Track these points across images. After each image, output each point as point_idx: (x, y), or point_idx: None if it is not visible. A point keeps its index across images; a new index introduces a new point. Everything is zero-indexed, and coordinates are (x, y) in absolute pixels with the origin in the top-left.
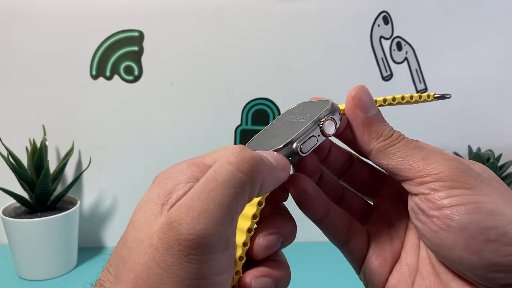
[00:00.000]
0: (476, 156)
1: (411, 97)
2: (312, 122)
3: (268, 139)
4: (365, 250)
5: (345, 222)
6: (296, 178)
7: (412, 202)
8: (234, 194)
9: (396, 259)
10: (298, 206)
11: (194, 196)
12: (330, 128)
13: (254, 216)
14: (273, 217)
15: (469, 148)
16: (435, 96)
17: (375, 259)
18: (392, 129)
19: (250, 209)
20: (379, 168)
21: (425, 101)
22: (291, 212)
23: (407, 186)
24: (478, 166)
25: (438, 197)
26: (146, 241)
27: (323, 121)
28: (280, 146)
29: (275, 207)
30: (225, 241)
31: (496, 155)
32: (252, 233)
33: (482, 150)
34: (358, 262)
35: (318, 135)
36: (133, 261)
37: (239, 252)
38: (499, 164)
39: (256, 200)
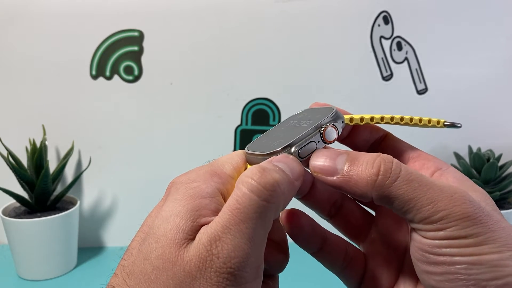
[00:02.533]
0: (476, 156)
1: (420, 120)
2: (313, 128)
3: (269, 141)
4: (362, 274)
5: (341, 250)
6: (291, 214)
7: (414, 236)
8: (261, 224)
9: (394, 283)
10: (293, 240)
11: (224, 229)
12: (330, 135)
13: None
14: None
15: (469, 148)
16: (445, 123)
17: (372, 284)
18: (375, 159)
19: None
20: None
21: (433, 126)
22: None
23: (411, 225)
24: (479, 195)
25: (442, 245)
26: (179, 264)
27: (325, 127)
28: (278, 149)
29: (272, 231)
30: (256, 270)
31: (496, 155)
32: None
33: (482, 150)
34: (355, 287)
35: (318, 141)
36: (163, 283)
37: None
38: (499, 164)
39: None
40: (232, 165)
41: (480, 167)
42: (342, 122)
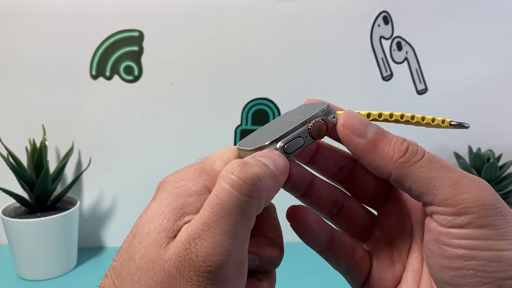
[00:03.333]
0: (476, 156)
1: (423, 118)
2: (301, 123)
3: (259, 136)
4: (367, 274)
5: (348, 249)
6: (298, 211)
7: (429, 226)
8: (242, 220)
9: (397, 283)
10: (300, 238)
11: (203, 226)
12: (319, 130)
13: None
14: (256, 237)
15: (469, 148)
16: (452, 123)
17: (376, 284)
18: (404, 139)
19: None
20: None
21: (437, 126)
22: None
23: (429, 209)
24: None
25: (460, 235)
26: (159, 264)
27: (313, 122)
28: (265, 144)
29: (265, 227)
30: (238, 267)
31: (496, 155)
32: None
33: (482, 150)
34: (359, 286)
35: (306, 137)
36: (144, 283)
37: None
38: (499, 164)
39: None
40: (223, 161)
41: (480, 167)
42: (334, 117)
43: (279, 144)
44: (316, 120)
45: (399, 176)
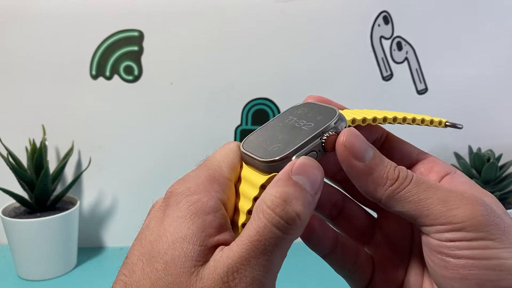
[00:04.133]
0: (476, 156)
1: (422, 120)
2: (315, 136)
3: (266, 141)
4: (369, 279)
5: (352, 253)
6: None
7: (428, 242)
8: (280, 256)
9: (399, 287)
10: (304, 242)
11: (243, 261)
12: (332, 144)
13: (255, 199)
14: None
15: (469, 148)
16: (447, 124)
17: None
18: (396, 166)
19: (257, 179)
20: None
21: (435, 126)
22: None
23: (424, 229)
24: (489, 199)
25: (458, 246)
26: None
27: (327, 136)
28: (277, 158)
29: None
30: None
31: (496, 155)
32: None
33: (482, 150)
34: None
35: (319, 150)
36: None
37: (242, 219)
38: (499, 164)
39: (260, 182)
40: (229, 165)
41: (480, 167)
42: (345, 126)
43: (294, 158)
44: (330, 133)
45: (389, 202)
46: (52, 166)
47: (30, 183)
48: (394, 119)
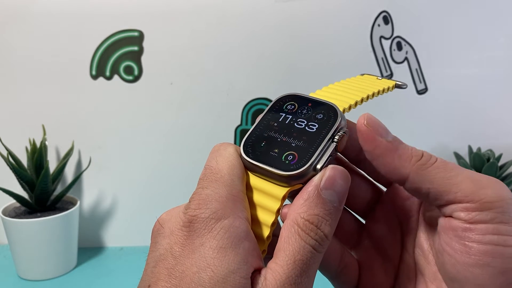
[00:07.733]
0: (476, 156)
1: (383, 90)
2: (328, 140)
3: (272, 147)
4: (355, 283)
5: (337, 253)
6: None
7: (449, 225)
8: (315, 271)
9: None
10: None
11: (290, 280)
12: (343, 144)
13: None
14: None
15: (469, 148)
16: (396, 84)
17: None
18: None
19: (277, 191)
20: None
21: (389, 90)
22: None
23: (450, 208)
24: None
25: (486, 230)
26: None
27: (338, 137)
28: (299, 171)
29: None
30: None
31: (496, 155)
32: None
33: (482, 150)
34: None
35: (334, 154)
36: None
37: (266, 232)
38: (499, 164)
39: (281, 194)
40: (239, 177)
41: (480, 167)
42: (345, 122)
43: (318, 166)
44: (341, 134)
45: (417, 178)
46: (52, 166)
47: (30, 183)
48: (367, 97)
